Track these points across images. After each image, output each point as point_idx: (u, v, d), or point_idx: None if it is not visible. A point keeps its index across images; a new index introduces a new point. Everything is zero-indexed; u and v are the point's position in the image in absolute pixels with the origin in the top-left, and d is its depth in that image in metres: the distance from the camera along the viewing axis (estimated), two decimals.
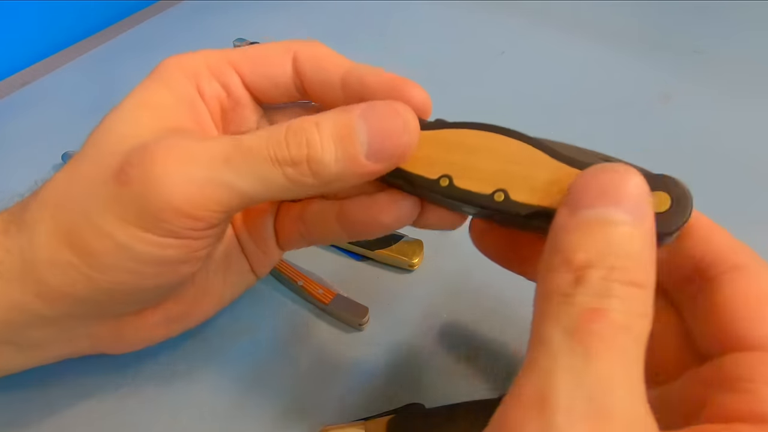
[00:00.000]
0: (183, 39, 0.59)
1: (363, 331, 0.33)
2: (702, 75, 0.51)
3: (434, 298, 0.34)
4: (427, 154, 0.21)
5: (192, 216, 0.20)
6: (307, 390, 0.30)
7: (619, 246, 0.15)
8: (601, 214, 0.16)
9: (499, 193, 0.19)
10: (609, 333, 0.14)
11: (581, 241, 0.15)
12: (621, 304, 0.14)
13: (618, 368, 0.14)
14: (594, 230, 0.15)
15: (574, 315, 0.14)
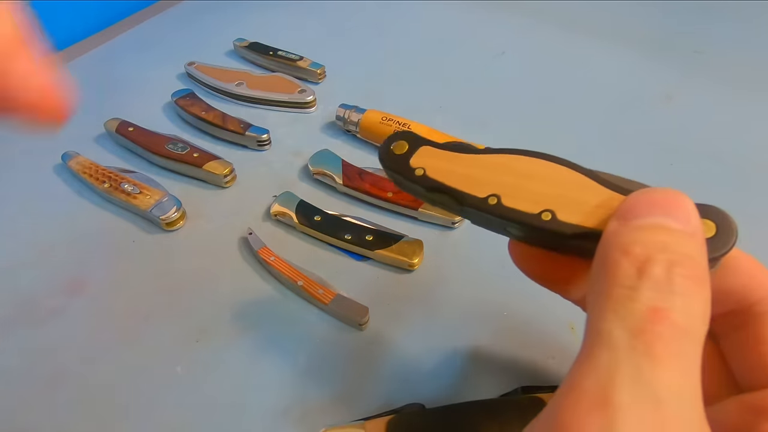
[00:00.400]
0: (183, 39, 0.59)
1: (363, 331, 0.33)
2: (703, 75, 0.51)
3: (434, 298, 0.34)
4: (477, 175, 0.22)
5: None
6: (307, 390, 0.30)
7: (677, 245, 0.15)
8: (654, 220, 0.16)
9: (546, 213, 0.20)
10: (671, 336, 0.14)
11: (638, 238, 0.16)
12: (683, 304, 0.14)
13: (680, 372, 0.14)
14: (649, 231, 0.16)
15: (638, 313, 0.14)
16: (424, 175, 0.23)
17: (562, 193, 0.20)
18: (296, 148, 0.45)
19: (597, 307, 0.15)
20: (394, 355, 0.32)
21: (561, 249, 0.22)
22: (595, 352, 0.14)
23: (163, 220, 0.38)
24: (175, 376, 0.31)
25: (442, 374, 0.31)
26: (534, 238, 0.22)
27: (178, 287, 0.35)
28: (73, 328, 0.34)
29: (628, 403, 0.13)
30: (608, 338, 0.14)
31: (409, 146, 0.23)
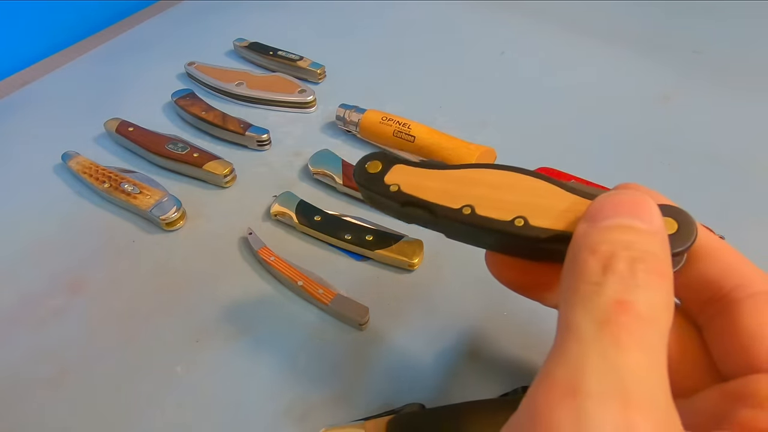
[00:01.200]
0: (183, 39, 0.59)
1: (363, 331, 0.33)
2: (701, 75, 0.51)
3: (434, 298, 0.34)
4: (450, 188, 0.23)
5: None
6: (307, 390, 0.30)
7: (640, 243, 0.16)
8: (618, 221, 0.17)
9: (519, 219, 0.21)
10: (636, 325, 0.15)
11: (605, 237, 0.17)
12: (646, 296, 0.15)
13: (645, 359, 0.14)
14: (614, 231, 0.17)
15: (603, 306, 0.15)
16: (399, 190, 0.24)
17: (532, 200, 0.21)
18: (296, 148, 0.45)
19: (566, 303, 0.16)
20: (394, 355, 0.32)
21: (535, 255, 0.23)
22: (565, 344, 0.15)
23: (163, 220, 0.38)
24: (175, 376, 0.31)
25: (442, 374, 0.31)
26: (508, 246, 0.23)
27: (178, 287, 0.35)
28: (73, 327, 0.34)
29: (596, 390, 0.14)
30: (576, 330, 0.15)
31: (383, 165, 0.24)
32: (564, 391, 0.14)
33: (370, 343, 0.32)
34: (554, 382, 0.15)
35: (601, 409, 0.13)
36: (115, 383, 0.31)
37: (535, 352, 0.31)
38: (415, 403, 0.28)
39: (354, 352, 0.32)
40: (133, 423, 0.29)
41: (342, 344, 0.32)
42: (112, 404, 0.30)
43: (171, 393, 0.30)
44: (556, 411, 0.14)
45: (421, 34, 0.58)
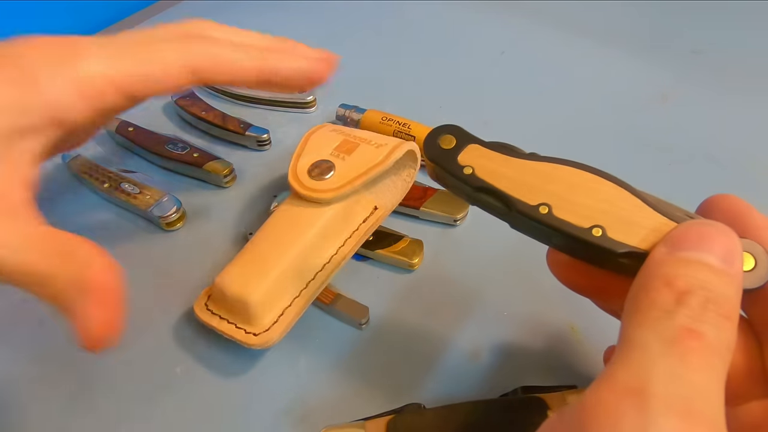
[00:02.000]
0: None
1: (363, 331, 0.33)
2: (700, 75, 0.51)
3: (434, 298, 0.34)
4: (527, 181, 0.22)
5: None
6: (307, 390, 0.30)
7: (714, 284, 0.17)
8: (699, 256, 0.17)
9: (597, 228, 0.20)
10: (703, 349, 0.16)
11: (682, 272, 0.17)
12: (714, 332, 0.16)
13: (709, 380, 0.15)
14: (693, 266, 0.17)
15: (673, 329, 0.16)
16: (473, 174, 0.22)
17: (613, 210, 0.20)
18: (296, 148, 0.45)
19: (632, 321, 0.17)
20: (394, 355, 0.32)
21: (604, 265, 0.22)
22: (631, 353, 0.16)
23: (163, 220, 0.38)
24: (175, 376, 0.31)
25: (442, 374, 0.31)
26: (579, 250, 0.22)
27: (178, 287, 0.35)
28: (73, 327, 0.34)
29: (662, 393, 0.15)
30: (644, 345, 0.16)
31: (457, 141, 0.23)
32: (630, 392, 0.15)
33: (370, 343, 0.32)
34: (619, 381, 0.15)
35: (665, 411, 0.14)
36: (115, 383, 0.31)
37: (535, 352, 0.31)
38: (414, 403, 0.28)
39: (354, 352, 0.32)
40: (133, 423, 0.29)
41: (342, 344, 0.32)
42: (112, 404, 0.30)
43: (171, 393, 0.30)
44: (621, 410, 0.15)
45: (421, 34, 0.58)
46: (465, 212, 0.38)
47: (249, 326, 0.30)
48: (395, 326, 0.33)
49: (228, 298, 0.30)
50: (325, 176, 0.34)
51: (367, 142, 0.35)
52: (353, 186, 0.33)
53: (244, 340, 0.30)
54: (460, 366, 0.31)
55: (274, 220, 0.34)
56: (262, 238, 0.33)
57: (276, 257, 0.31)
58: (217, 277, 0.32)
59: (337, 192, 0.33)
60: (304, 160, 0.35)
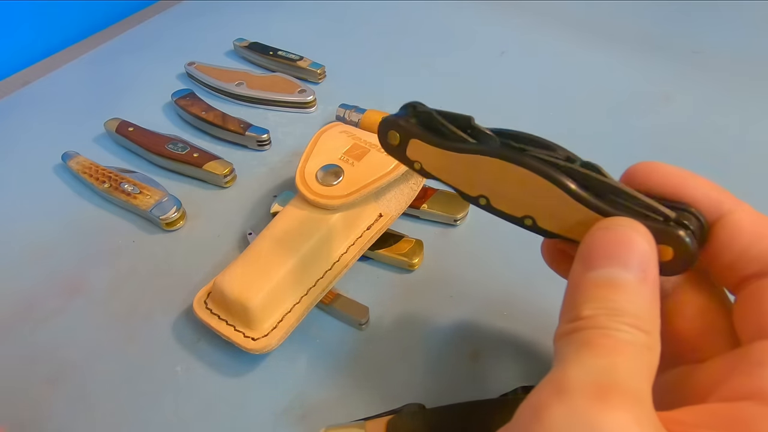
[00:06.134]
0: (183, 39, 0.59)
1: (363, 331, 0.33)
2: (702, 75, 0.51)
3: (434, 298, 0.34)
4: (468, 175, 0.22)
5: None
6: (307, 390, 0.30)
7: (624, 305, 0.17)
8: (609, 274, 0.18)
9: (528, 218, 0.22)
10: (615, 343, 0.16)
11: (589, 296, 0.18)
12: (624, 335, 0.17)
13: (621, 361, 0.16)
14: (601, 289, 0.18)
15: (586, 335, 0.17)
16: (422, 168, 0.23)
17: (541, 204, 0.21)
18: (296, 148, 0.45)
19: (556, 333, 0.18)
20: (394, 355, 0.32)
21: None
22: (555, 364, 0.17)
23: (163, 220, 0.38)
24: (175, 376, 0.31)
25: (442, 374, 0.31)
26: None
27: (178, 287, 0.35)
28: (73, 327, 0.34)
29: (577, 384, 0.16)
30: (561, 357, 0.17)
31: (400, 139, 0.24)
32: (552, 391, 0.16)
33: (370, 343, 0.32)
34: (542, 387, 0.17)
35: (580, 395, 0.15)
36: (115, 383, 0.31)
37: (536, 353, 0.31)
38: (414, 403, 0.28)
39: (354, 352, 0.32)
40: (133, 423, 0.29)
41: (342, 344, 0.32)
42: (112, 404, 0.30)
43: (171, 393, 0.30)
44: (548, 405, 0.16)
45: (421, 34, 0.58)
46: (465, 212, 0.38)
47: (248, 330, 0.30)
48: (395, 326, 0.33)
49: (228, 299, 0.30)
50: (333, 182, 0.34)
51: (378, 149, 0.35)
52: (361, 194, 0.33)
53: (243, 344, 0.30)
54: (460, 366, 0.31)
55: (278, 223, 0.33)
56: (265, 241, 0.33)
57: (278, 262, 0.31)
58: (218, 276, 0.32)
59: (345, 199, 0.33)
60: (312, 163, 0.35)
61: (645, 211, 0.19)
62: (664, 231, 0.18)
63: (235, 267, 0.32)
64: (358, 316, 0.32)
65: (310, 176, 0.34)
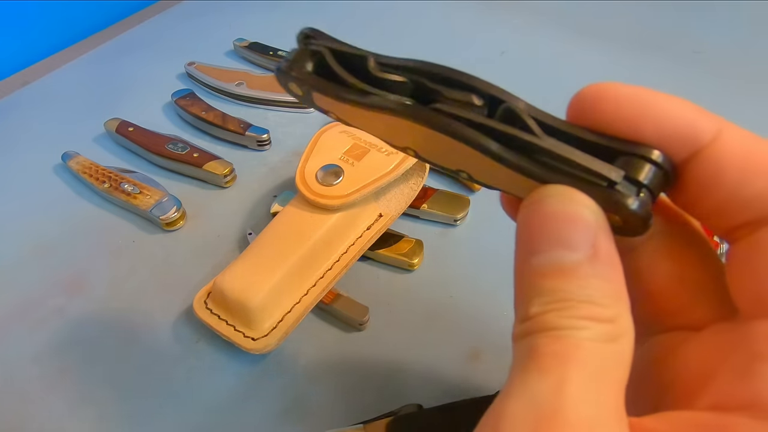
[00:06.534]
0: (183, 39, 0.59)
1: (363, 331, 0.33)
2: (701, 75, 0.51)
3: (434, 298, 0.34)
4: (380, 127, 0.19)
5: None
6: (307, 391, 0.30)
7: (577, 292, 0.14)
8: (553, 259, 0.14)
9: (462, 173, 0.19)
10: (567, 349, 0.13)
11: (534, 293, 0.15)
12: (581, 332, 0.14)
13: (574, 375, 0.13)
14: (548, 281, 0.14)
15: (534, 342, 0.14)
16: (339, 117, 0.20)
17: (474, 163, 0.17)
18: (296, 148, 0.45)
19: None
20: (394, 356, 0.32)
21: None
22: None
23: (163, 220, 0.38)
24: (175, 375, 0.31)
25: (441, 374, 0.31)
26: None
27: (178, 287, 0.35)
28: (73, 327, 0.34)
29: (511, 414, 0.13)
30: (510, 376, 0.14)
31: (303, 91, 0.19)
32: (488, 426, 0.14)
33: (370, 343, 0.32)
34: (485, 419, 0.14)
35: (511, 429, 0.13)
36: (115, 383, 0.31)
37: None
38: (412, 404, 0.28)
39: (354, 352, 0.32)
40: (132, 423, 0.29)
41: (342, 344, 0.32)
42: (112, 404, 0.30)
43: (171, 393, 0.30)
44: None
45: (420, 34, 0.58)
46: (465, 212, 0.38)
47: (248, 330, 0.30)
48: (395, 326, 0.33)
49: (228, 300, 0.30)
50: (333, 182, 0.34)
51: (378, 149, 0.35)
52: (361, 194, 0.33)
53: (243, 344, 0.30)
54: (460, 366, 0.31)
55: (278, 223, 0.33)
56: (265, 241, 0.33)
57: (278, 262, 0.31)
58: (218, 276, 0.32)
59: (345, 199, 0.33)
60: (312, 163, 0.35)
61: (583, 174, 0.15)
62: (606, 198, 0.15)
63: (235, 267, 0.32)
64: (358, 316, 0.32)
65: (310, 176, 0.34)
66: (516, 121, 0.16)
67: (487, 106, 0.16)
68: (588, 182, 0.15)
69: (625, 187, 0.15)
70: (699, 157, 0.15)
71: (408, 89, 0.18)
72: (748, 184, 0.15)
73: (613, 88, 0.16)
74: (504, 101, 0.16)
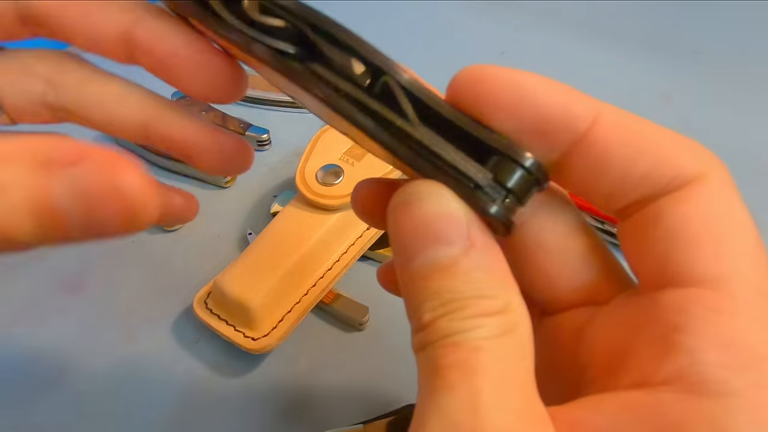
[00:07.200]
0: None
1: (363, 331, 0.33)
2: (702, 75, 0.51)
3: None
4: (258, 66, 0.17)
5: None
6: (307, 390, 0.30)
7: (462, 288, 0.14)
8: (431, 259, 0.14)
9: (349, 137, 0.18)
10: (467, 357, 0.13)
11: (421, 299, 0.14)
12: (476, 332, 0.13)
13: (484, 383, 0.13)
14: (432, 282, 0.14)
15: (434, 355, 0.13)
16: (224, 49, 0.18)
17: (353, 131, 0.16)
18: (296, 148, 0.45)
19: None
20: (394, 356, 0.32)
21: None
22: None
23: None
24: (176, 375, 0.31)
25: None
26: None
27: (178, 287, 0.35)
28: (74, 327, 0.34)
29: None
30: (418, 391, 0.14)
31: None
32: None
33: (370, 343, 0.32)
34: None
35: None
36: (115, 383, 0.31)
37: None
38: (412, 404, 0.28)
39: (354, 352, 0.32)
40: (132, 423, 0.29)
41: (342, 344, 0.32)
42: (112, 404, 0.30)
43: (171, 393, 0.30)
44: None
45: (420, 34, 0.58)
46: None
47: (248, 330, 0.30)
48: (395, 326, 0.33)
49: (228, 299, 0.30)
50: (333, 182, 0.33)
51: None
52: None
53: (243, 344, 0.30)
54: None
55: (278, 224, 0.33)
56: (265, 241, 0.33)
57: (278, 262, 0.31)
58: (218, 276, 0.32)
59: (345, 199, 0.33)
60: (312, 163, 0.35)
61: (452, 172, 0.14)
62: (471, 198, 0.14)
63: (235, 267, 0.32)
64: (358, 316, 0.32)
65: (310, 176, 0.34)
66: (393, 97, 0.14)
67: (369, 74, 0.15)
68: (456, 180, 0.14)
69: (492, 191, 0.14)
70: (580, 146, 0.15)
71: (291, 35, 0.16)
72: (631, 167, 0.15)
73: (489, 71, 0.15)
74: (386, 73, 0.14)
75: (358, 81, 0.14)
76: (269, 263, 0.31)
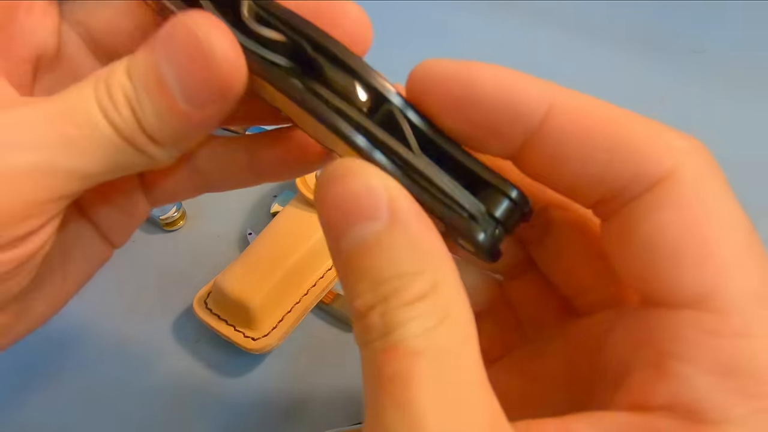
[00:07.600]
0: None
1: None
2: (701, 75, 0.51)
3: None
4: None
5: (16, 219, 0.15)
6: (307, 391, 0.30)
7: (390, 266, 0.13)
8: (357, 237, 0.13)
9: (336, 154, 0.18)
10: (406, 366, 0.12)
11: (352, 281, 0.13)
12: (409, 329, 0.12)
13: (426, 398, 0.12)
14: (361, 261, 0.13)
15: (374, 362, 0.13)
16: None
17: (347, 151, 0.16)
18: None
19: None
20: None
21: None
22: None
23: (163, 220, 0.38)
24: (176, 375, 0.31)
25: None
26: None
27: (178, 287, 0.35)
28: (73, 327, 0.34)
29: None
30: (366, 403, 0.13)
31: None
32: None
33: None
34: None
35: None
36: (114, 383, 0.31)
37: None
38: None
39: (354, 352, 0.32)
40: (132, 422, 0.29)
41: (342, 344, 0.32)
42: (112, 404, 0.30)
43: (171, 393, 0.30)
44: None
45: (419, 34, 0.58)
46: None
47: (248, 330, 0.30)
48: None
49: (228, 299, 0.31)
50: None
51: None
52: None
53: (243, 344, 0.30)
54: None
55: (278, 224, 0.34)
56: (265, 241, 0.33)
57: (278, 262, 0.31)
58: (218, 276, 0.32)
59: None
60: None
61: (449, 201, 0.15)
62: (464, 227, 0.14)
63: (235, 267, 0.32)
64: None
65: (310, 176, 0.34)
66: (396, 125, 0.15)
67: (371, 100, 0.15)
68: (451, 209, 0.15)
69: (483, 222, 0.15)
70: (535, 139, 0.14)
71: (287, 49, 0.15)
72: (590, 158, 0.14)
73: (439, 67, 0.15)
74: (388, 100, 0.15)
75: (360, 105, 0.15)
76: (269, 263, 0.31)
